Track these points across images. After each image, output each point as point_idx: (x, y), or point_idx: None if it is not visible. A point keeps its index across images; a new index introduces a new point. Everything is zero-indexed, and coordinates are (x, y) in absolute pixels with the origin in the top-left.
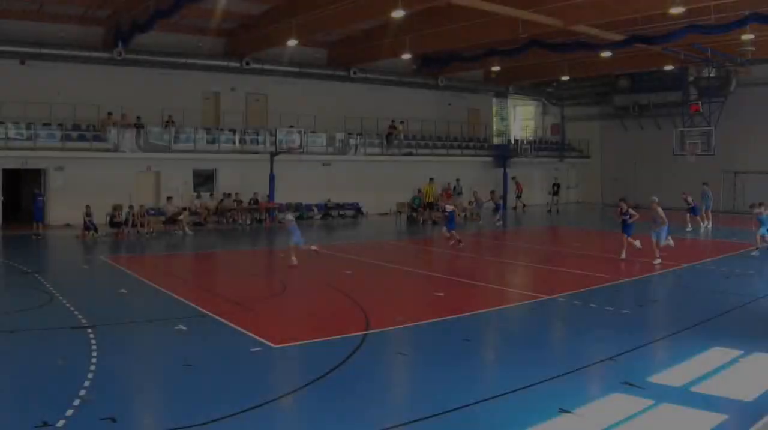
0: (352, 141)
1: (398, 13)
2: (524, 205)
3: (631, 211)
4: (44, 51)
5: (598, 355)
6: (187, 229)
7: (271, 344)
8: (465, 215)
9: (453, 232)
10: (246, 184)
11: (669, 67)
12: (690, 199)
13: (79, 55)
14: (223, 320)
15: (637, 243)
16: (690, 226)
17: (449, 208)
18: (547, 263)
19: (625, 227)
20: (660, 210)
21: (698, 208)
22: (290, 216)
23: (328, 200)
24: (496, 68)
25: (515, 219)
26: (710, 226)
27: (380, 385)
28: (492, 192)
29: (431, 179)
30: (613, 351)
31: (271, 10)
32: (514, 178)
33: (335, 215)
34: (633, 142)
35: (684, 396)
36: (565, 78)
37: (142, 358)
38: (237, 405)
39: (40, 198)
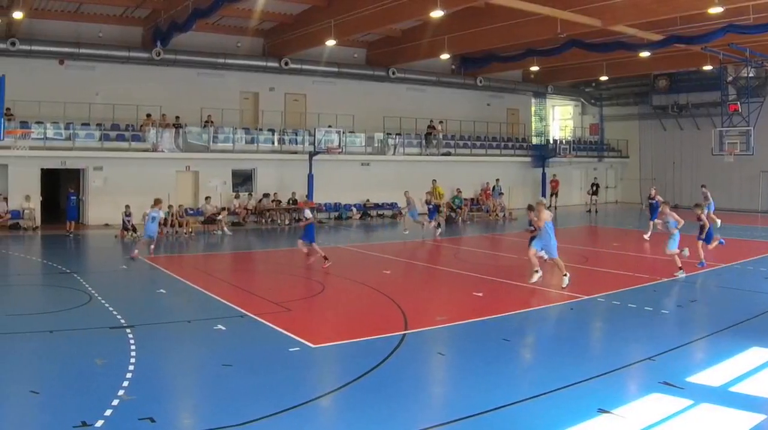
0: (390, 141)
1: (437, 13)
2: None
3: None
4: (83, 51)
5: (637, 355)
6: (225, 229)
7: (310, 344)
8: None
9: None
10: (285, 184)
11: (708, 67)
12: (655, 195)
13: (117, 55)
14: (262, 320)
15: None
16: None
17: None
18: (585, 262)
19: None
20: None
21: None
22: (308, 214)
23: (367, 200)
24: (534, 68)
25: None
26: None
27: (419, 385)
28: (429, 193)
29: (434, 180)
30: (652, 351)
31: (309, 11)
32: (554, 176)
33: (374, 215)
34: (672, 142)
35: (723, 396)
36: (603, 78)
37: (180, 358)
38: (276, 405)
39: (73, 197)
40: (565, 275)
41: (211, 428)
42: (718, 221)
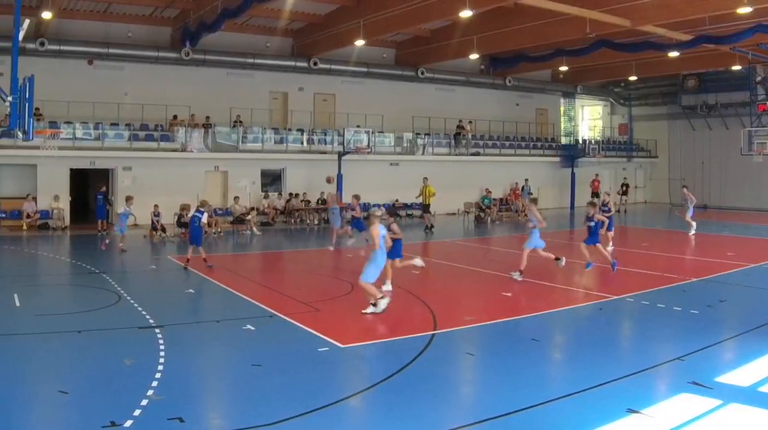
0: (419, 141)
1: (466, 13)
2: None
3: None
4: (112, 51)
5: (666, 355)
6: (254, 229)
7: (339, 344)
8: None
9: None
10: (314, 184)
11: (736, 67)
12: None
13: (146, 55)
14: (290, 320)
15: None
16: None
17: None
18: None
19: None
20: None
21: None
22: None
23: (396, 200)
24: (563, 68)
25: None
26: (689, 231)
27: (448, 385)
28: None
29: (426, 178)
30: (681, 351)
31: (338, 11)
32: (596, 175)
33: (402, 214)
34: (701, 142)
35: (752, 396)
36: (632, 78)
37: (209, 358)
38: (304, 405)
39: (100, 197)
40: (559, 259)
41: (240, 428)
42: (693, 225)
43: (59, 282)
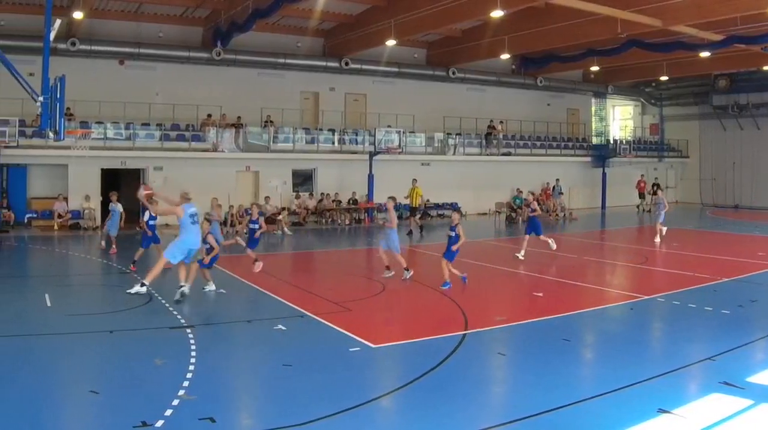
0: (450, 141)
1: (497, 13)
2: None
3: (535, 204)
4: (143, 51)
5: (697, 355)
6: (285, 229)
7: (371, 344)
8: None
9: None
10: (345, 184)
11: None
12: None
13: (177, 55)
14: (322, 320)
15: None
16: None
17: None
18: (645, 262)
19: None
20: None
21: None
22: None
23: (427, 200)
24: (594, 68)
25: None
26: (659, 240)
27: (479, 385)
28: (264, 198)
29: (415, 180)
30: (713, 351)
31: (369, 11)
32: (642, 176)
33: (434, 214)
34: (732, 142)
35: None
36: (663, 78)
37: (241, 358)
38: (336, 405)
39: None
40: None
41: (271, 428)
42: (664, 230)
43: (90, 282)
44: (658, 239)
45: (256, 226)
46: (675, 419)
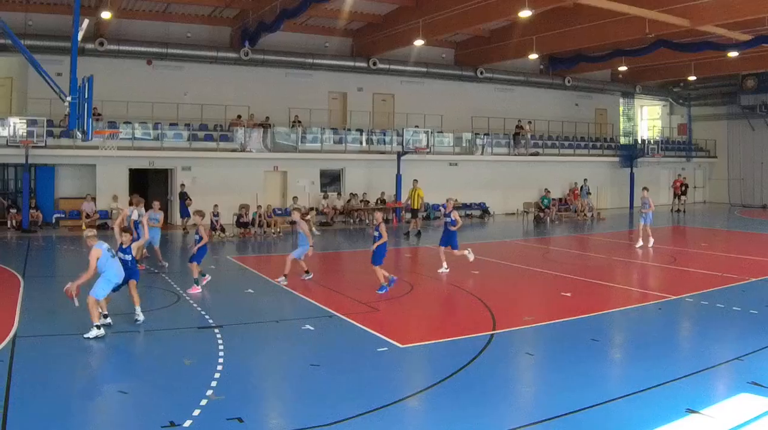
0: (479, 141)
1: (525, 13)
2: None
3: (455, 214)
4: (171, 51)
5: (725, 355)
6: (314, 229)
7: (398, 344)
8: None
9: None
10: (373, 184)
11: None
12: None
13: (205, 55)
14: (350, 320)
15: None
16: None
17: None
18: (673, 262)
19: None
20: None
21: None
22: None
23: (455, 200)
24: (622, 68)
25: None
26: (648, 243)
27: (507, 385)
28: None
29: (415, 180)
30: (741, 351)
31: (397, 11)
32: (678, 176)
33: (462, 215)
34: (760, 142)
35: None
36: (691, 78)
37: (268, 358)
38: (364, 405)
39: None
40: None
41: (298, 428)
42: (651, 240)
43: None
44: (640, 243)
45: (449, 218)
46: (703, 419)
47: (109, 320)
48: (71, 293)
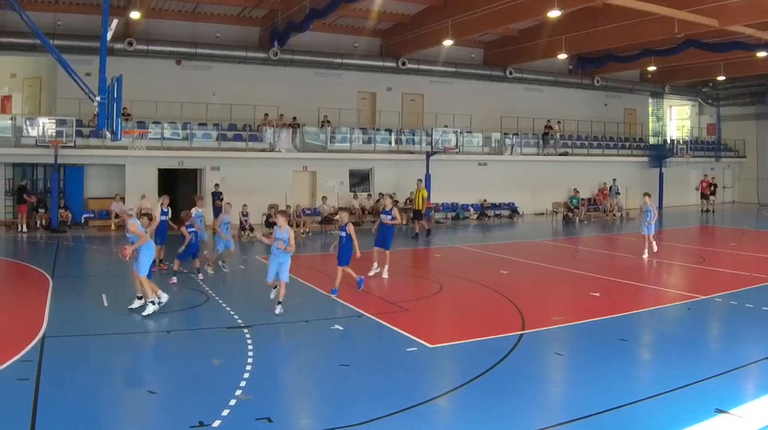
0: (508, 141)
1: (554, 13)
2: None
3: (396, 211)
4: (200, 51)
5: (754, 355)
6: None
7: (427, 344)
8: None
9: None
10: (402, 184)
11: None
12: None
13: (234, 55)
14: (379, 320)
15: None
16: None
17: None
18: (702, 262)
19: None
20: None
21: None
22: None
23: (484, 200)
24: (651, 68)
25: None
26: (650, 253)
27: (537, 385)
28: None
29: (420, 181)
30: None
31: (426, 10)
32: (705, 176)
33: (491, 215)
34: None
35: None
36: (720, 78)
37: (297, 358)
38: (393, 405)
39: (215, 195)
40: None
41: (328, 429)
42: (647, 251)
43: None
44: (646, 255)
45: (389, 215)
46: (732, 419)
47: (143, 301)
48: (126, 254)
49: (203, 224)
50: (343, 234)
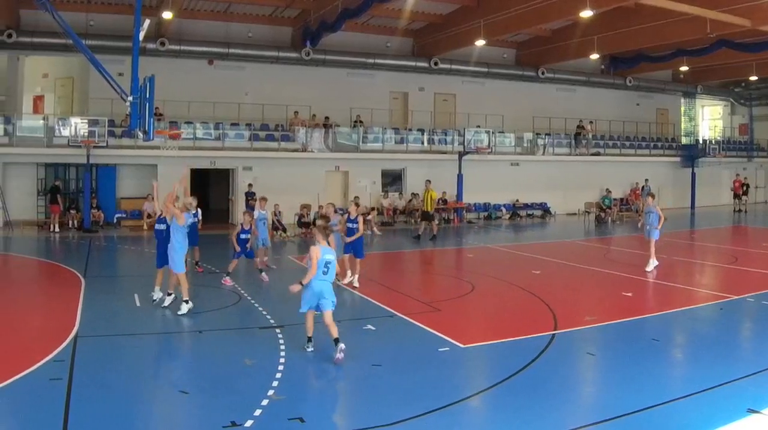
0: (540, 141)
1: (586, 13)
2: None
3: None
4: (232, 51)
5: None
6: (375, 229)
7: (460, 344)
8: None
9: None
10: (434, 184)
11: None
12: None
13: (266, 54)
14: (411, 320)
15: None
16: None
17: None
18: (735, 262)
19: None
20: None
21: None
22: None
23: (516, 200)
24: (684, 68)
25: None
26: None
27: (569, 385)
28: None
29: (428, 181)
30: None
31: (458, 11)
32: (737, 175)
33: (523, 215)
34: None
35: None
36: (753, 78)
37: (330, 358)
38: (425, 405)
39: (248, 195)
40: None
41: (360, 428)
42: (652, 262)
43: None
44: (650, 268)
45: (355, 224)
46: (765, 419)
47: (174, 295)
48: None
49: (266, 227)
50: (354, 226)
